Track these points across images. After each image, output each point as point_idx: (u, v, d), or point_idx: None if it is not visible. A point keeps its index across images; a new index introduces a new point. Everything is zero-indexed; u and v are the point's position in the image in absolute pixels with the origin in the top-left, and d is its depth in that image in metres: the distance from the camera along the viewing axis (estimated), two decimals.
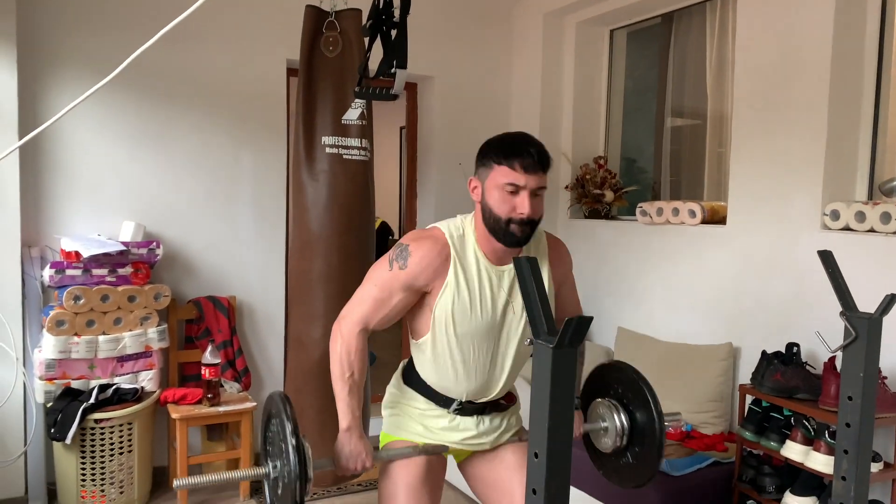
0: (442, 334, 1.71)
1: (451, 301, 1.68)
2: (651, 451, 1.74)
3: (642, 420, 1.76)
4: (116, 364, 3.16)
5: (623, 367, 1.85)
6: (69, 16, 3.23)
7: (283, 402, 1.47)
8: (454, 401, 1.78)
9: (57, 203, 3.27)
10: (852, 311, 1.38)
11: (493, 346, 1.75)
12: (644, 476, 1.79)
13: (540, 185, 1.64)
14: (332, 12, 2.66)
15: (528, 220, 1.63)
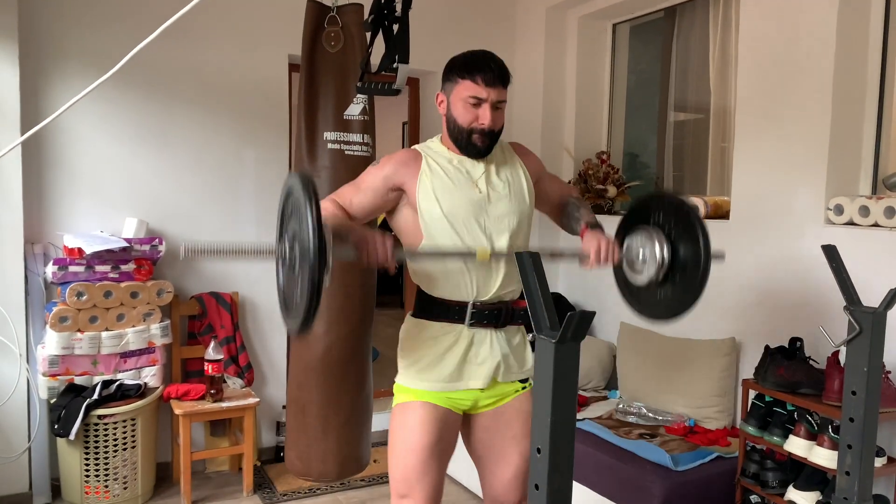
0: (433, 222, 1.76)
1: (430, 183, 1.78)
2: (693, 283, 1.72)
3: (685, 253, 1.73)
4: (119, 360, 3.16)
5: (670, 196, 1.87)
6: (71, 10, 3.22)
7: (303, 181, 1.41)
8: (467, 307, 1.78)
9: (60, 199, 3.27)
10: (856, 305, 1.38)
11: (484, 221, 1.79)
12: (682, 308, 1.79)
13: (500, 99, 1.78)
14: (333, 7, 2.66)
15: (489, 130, 1.77)
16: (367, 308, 2.77)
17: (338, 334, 2.67)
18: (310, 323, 1.43)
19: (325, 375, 2.67)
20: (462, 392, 1.84)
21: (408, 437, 1.80)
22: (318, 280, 1.36)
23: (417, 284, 1.88)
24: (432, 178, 1.80)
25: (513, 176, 1.89)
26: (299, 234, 1.40)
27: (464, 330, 1.80)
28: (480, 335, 1.81)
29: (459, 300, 1.79)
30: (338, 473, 2.75)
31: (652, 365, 3.32)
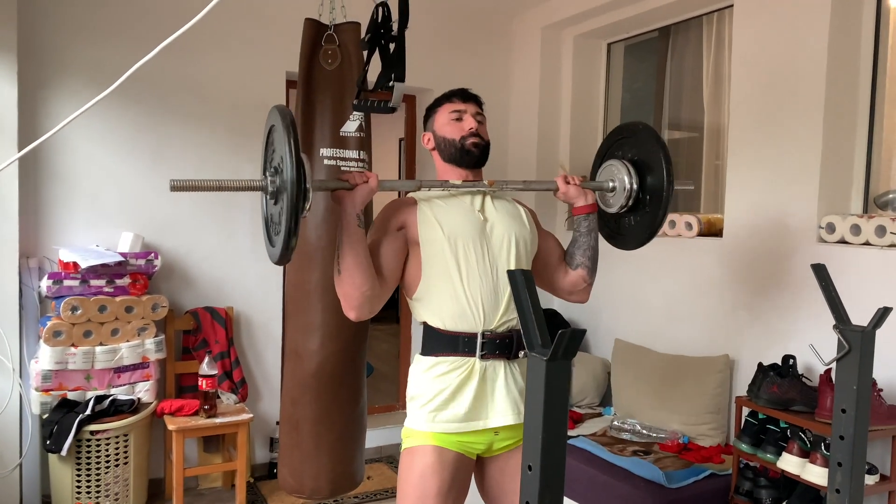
0: (434, 246, 1.75)
1: (430, 211, 1.78)
2: (656, 213, 1.94)
3: (652, 182, 1.95)
4: (113, 375, 3.16)
5: (640, 128, 2.03)
6: (71, 25, 3.25)
7: (283, 114, 1.50)
8: (477, 338, 1.73)
9: (56, 213, 3.28)
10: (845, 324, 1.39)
11: (486, 246, 1.78)
12: (643, 237, 2.02)
13: (479, 112, 1.89)
14: (331, 25, 2.68)
15: (478, 133, 1.85)
16: (363, 323, 2.77)
17: (332, 350, 2.67)
18: (289, 249, 1.50)
19: (318, 391, 2.66)
20: (478, 434, 1.76)
21: (419, 484, 1.73)
22: (296, 206, 1.44)
23: (423, 322, 1.82)
24: (432, 207, 1.80)
25: (511, 208, 1.91)
26: (280, 166, 1.50)
27: (476, 363, 1.73)
28: (494, 368, 1.75)
29: (468, 331, 1.74)
30: (331, 490, 2.73)
31: (646, 381, 3.32)
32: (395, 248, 1.78)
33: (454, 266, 1.75)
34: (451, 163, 1.87)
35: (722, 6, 3.42)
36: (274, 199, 1.58)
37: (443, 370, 1.76)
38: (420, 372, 1.81)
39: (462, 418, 1.74)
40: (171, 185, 1.50)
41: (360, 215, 1.69)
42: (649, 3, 3.57)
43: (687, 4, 3.50)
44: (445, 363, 1.76)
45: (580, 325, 4.06)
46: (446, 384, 1.74)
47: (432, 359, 1.78)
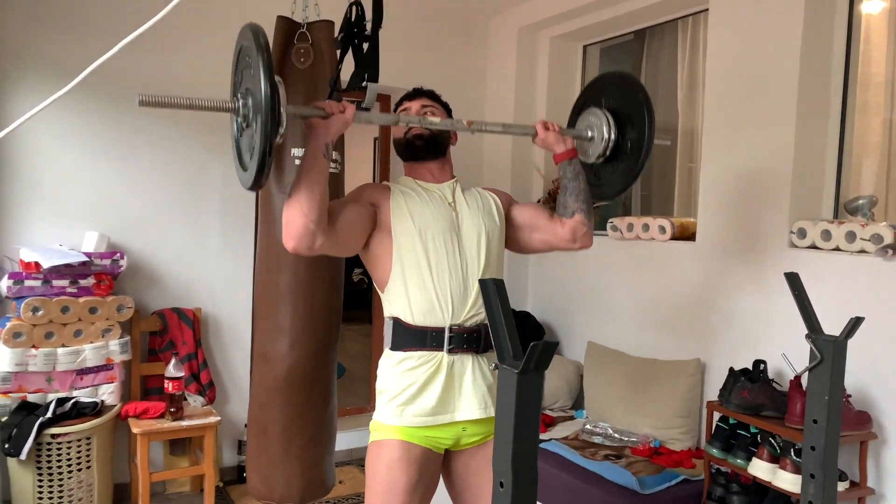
0: (405, 233, 1.75)
1: (403, 201, 1.80)
2: (634, 162, 1.93)
3: (632, 133, 1.94)
4: (76, 377, 3.07)
5: (622, 77, 2.04)
6: (33, 19, 3.15)
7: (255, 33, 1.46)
8: (444, 333, 1.73)
9: (18, 212, 3.18)
10: (818, 333, 1.39)
11: (457, 240, 1.79)
12: (620, 186, 2.00)
13: (426, 104, 1.91)
14: (303, 23, 2.62)
15: (418, 120, 1.84)
16: (334, 325, 2.73)
17: (302, 352, 2.62)
18: (262, 175, 1.48)
19: (288, 395, 2.61)
20: (445, 428, 1.76)
21: (385, 478, 1.73)
22: (269, 128, 1.40)
23: (392, 316, 1.81)
24: (405, 198, 1.81)
25: (482, 200, 1.93)
26: (252, 89, 1.45)
27: (443, 357, 1.73)
28: (461, 362, 1.75)
29: (435, 325, 1.74)
30: (301, 497, 2.68)
31: (618, 385, 3.32)
32: (359, 211, 1.77)
33: (424, 259, 1.75)
34: (407, 160, 1.92)
35: (697, 10, 3.43)
36: (245, 122, 1.53)
37: (411, 365, 1.76)
38: (388, 367, 1.81)
39: (429, 412, 1.74)
40: (139, 99, 1.46)
41: (328, 145, 1.67)
42: (625, 7, 3.57)
43: (662, 8, 3.50)
44: (413, 358, 1.76)
45: (553, 326, 4.05)
46: (414, 379, 1.75)
47: (401, 353, 1.78)
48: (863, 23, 2.84)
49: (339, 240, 1.68)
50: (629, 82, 2.04)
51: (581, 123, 2.11)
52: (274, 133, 1.43)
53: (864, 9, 2.84)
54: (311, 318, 2.62)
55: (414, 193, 1.84)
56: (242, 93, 1.54)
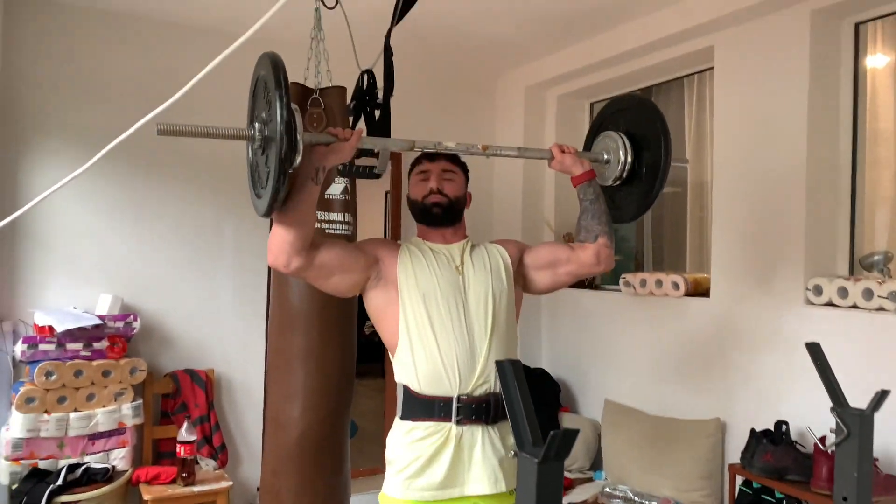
0: (411, 299, 1.74)
1: (410, 261, 1.79)
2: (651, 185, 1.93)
3: (648, 155, 1.94)
4: (87, 442, 3.04)
5: (637, 100, 2.06)
6: (51, 86, 3.23)
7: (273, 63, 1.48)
8: (451, 403, 1.69)
9: (32, 274, 3.20)
10: (843, 407, 1.36)
11: (462, 305, 1.76)
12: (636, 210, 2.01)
13: (446, 168, 1.87)
14: (316, 89, 2.67)
15: (439, 191, 1.84)
16: (346, 388, 2.70)
17: (315, 417, 2.59)
18: (276, 201, 1.51)
19: (300, 461, 2.57)
20: (456, 502, 1.72)
21: None
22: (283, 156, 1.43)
23: (401, 383, 1.80)
24: (411, 258, 1.81)
25: (490, 259, 1.88)
26: (268, 116, 1.48)
27: (452, 428, 1.70)
28: (471, 434, 1.71)
29: (443, 395, 1.71)
30: None
31: (637, 445, 3.25)
32: (353, 254, 1.76)
33: (428, 325, 1.73)
34: (421, 223, 1.90)
35: (703, 69, 3.48)
36: (262, 150, 1.57)
37: (419, 435, 1.73)
38: (397, 436, 1.79)
39: (437, 486, 1.71)
40: (157, 129, 1.48)
41: (319, 170, 1.65)
42: (631, 66, 3.62)
43: (668, 67, 3.55)
44: (421, 428, 1.73)
45: (569, 383, 4.00)
46: (422, 451, 1.72)
47: (409, 423, 1.76)
48: (868, 78, 2.87)
49: (318, 271, 1.69)
50: (644, 106, 2.04)
51: (597, 147, 2.10)
52: (288, 158, 1.46)
53: (869, 63, 2.87)
54: (324, 382, 2.60)
55: (421, 256, 1.82)
56: (259, 120, 1.58)
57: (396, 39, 2.15)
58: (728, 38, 3.09)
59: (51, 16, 3.23)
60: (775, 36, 2.89)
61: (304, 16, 2.59)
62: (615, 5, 3.20)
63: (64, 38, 3.26)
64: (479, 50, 3.89)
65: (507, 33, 3.60)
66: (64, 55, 3.26)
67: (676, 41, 3.29)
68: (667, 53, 3.41)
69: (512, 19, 3.40)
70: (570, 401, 3.98)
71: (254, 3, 3.06)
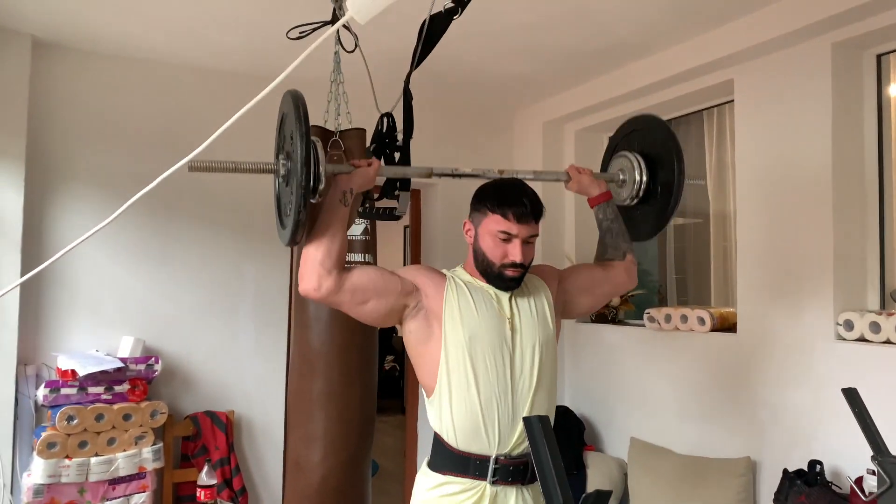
0: (455, 341, 1.65)
1: (457, 301, 1.68)
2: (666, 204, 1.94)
3: (663, 175, 1.95)
4: (108, 487, 3.02)
5: (651, 120, 2.06)
6: (77, 131, 3.29)
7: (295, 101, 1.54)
8: (489, 463, 1.62)
9: (56, 319, 3.22)
10: (884, 455, 1.30)
11: (509, 359, 1.67)
12: (652, 229, 2.02)
13: (531, 234, 1.71)
14: (336, 131, 2.69)
15: (521, 264, 1.69)
16: (367, 433, 2.67)
17: (335, 462, 2.56)
18: (297, 232, 1.55)
19: None
20: None
21: None
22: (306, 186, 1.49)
23: (435, 432, 1.73)
24: (458, 296, 1.68)
25: (536, 301, 1.78)
26: (291, 149, 1.55)
27: (486, 488, 1.62)
28: (504, 494, 1.64)
29: (480, 453, 1.63)
30: None
31: (665, 484, 3.17)
32: (388, 282, 1.67)
33: (472, 377, 1.64)
34: (483, 276, 1.74)
35: (723, 101, 3.46)
36: (286, 182, 1.64)
37: (450, 490, 1.66)
38: (425, 489, 1.71)
39: None
40: (189, 166, 1.53)
41: (346, 193, 1.67)
42: (648, 100, 3.61)
43: (687, 100, 3.54)
44: (454, 484, 1.66)
45: (593, 421, 3.92)
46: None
47: (440, 477, 1.68)
48: (892, 107, 2.83)
49: (351, 295, 1.63)
50: (657, 125, 2.06)
51: (612, 167, 2.14)
52: (308, 188, 1.51)
53: (893, 92, 2.83)
54: (345, 427, 2.57)
55: (469, 295, 1.69)
56: (283, 154, 1.65)
57: (415, 78, 2.16)
58: (747, 72, 3.07)
59: (77, 63, 3.30)
60: (796, 69, 2.87)
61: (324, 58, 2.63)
62: (631, 42, 3.20)
63: (90, 85, 3.33)
64: (496, 87, 3.91)
65: (524, 71, 3.61)
66: (90, 102, 3.32)
67: (695, 75, 3.28)
68: (685, 87, 3.40)
69: (529, 57, 3.41)
70: (594, 439, 3.90)
71: (275, 46, 3.13)
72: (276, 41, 3.01)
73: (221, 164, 1.60)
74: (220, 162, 1.60)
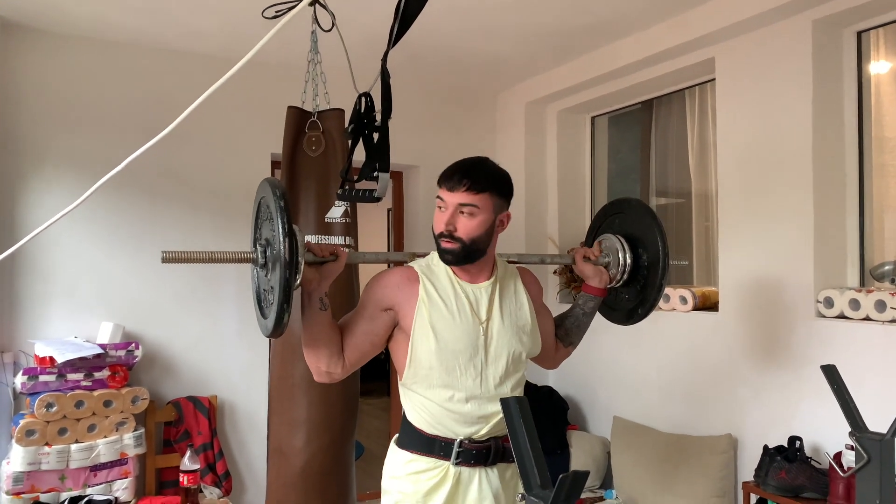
0: (426, 352, 1.63)
1: (428, 314, 1.65)
2: (651, 288, 1.96)
3: (647, 257, 1.98)
4: (89, 474, 3.00)
5: (633, 204, 2.08)
6: (49, 115, 3.22)
7: (274, 188, 1.49)
8: (454, 445, 1.65)
9: (32, 305, 3.17)
10: (862, 431, 1.31)
11: (480, 363, 1.66)
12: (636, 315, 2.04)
13: (465, 202, 1.63)
14: (314, 112, 2.66)
15: (448, 234, 1.64)
16: (350, 415, 2.66)
17: (318, 446, 2.55)
18: (282, 323, 1.49)
19: (305, 491, 2.53)
20: None
21: None
22: (288, 280, 1.44)
23: (405, 411, 1.75)
24: (430, 309, 1.65)
25: (517, 309, 1.76)
26: (272, 241, 1.50)
27: (449, 468, 1.66)
28: (468, 474, 1.67)
29: (446, 437, 1.66)
30: None
31: (648, 462, 3.19)
32: (371, 332, 1.68)
33: (442, 380, 1.65)
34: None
35: (704, 80, 3.45)
36: (265, 272, 1.58)
37: (415, 468, 1.69)
38: (394, 466, 1.75)
39: None
40: (162, 257, 1.50)
41: (323, 299, 1.63)
42: (631, 79, 3.60)
43: (669, 79, 3.52)
44: (419, 462, 1.69)
45: (577, 401, 3.94)
46: (417, 485, 1.68)
47: (407, 454, 1.71)
48: (872, 85, 2.83)
49: (357, 365, 1.70)
50: (640, 207, 2.07)
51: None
52: (293, 282, 1.47)
53: (873, 70, 2.83)
54: (328, 410, 2.56)
55: (442, 303, 1.66)
56: (262, 243, 1.59)
57: (394, 60, 2.12)
58: (728, 50, 3.06)
59: (47, 45, 3.22)
60: (777, 46, 2.86)
61: (301, 38, 2.58)
62: (613, 20, 3.18)
63: (61, 68, 3.26)
64: (477, 67, 3.87)
65: (505, 50, 3.58)
66: (61, 84, 3.25)
67: (676, 54, 3.27)
68: (667, 66, 3.38)
69: (510, 36, 3.38)
70: (578, 418, 3.92)
71: (250, 28, 3.07)
72: (251, 23, 2.96)
73: (196, 254, 1.52)
74: (195, 252, 1.52)
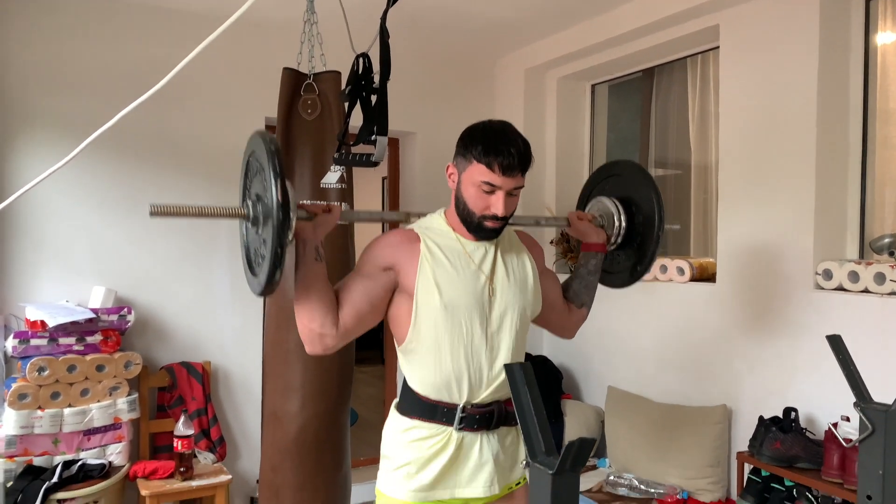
0: (428, 313, 1.61)
1: (431, 270, 1.62)
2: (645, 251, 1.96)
3: (641, 220, 1.97)
4: (83, 438, 2.98)
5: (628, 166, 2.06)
6: (37, 76, 3.14)
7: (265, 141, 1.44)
8: (456, 410, 1.63)
9: (23, 268, 3.13)
10: (867, 402, 1.29)
11: (485, 321, 1.64)
12: (630, 277, 2.04)
13: (517, 186, 1.63)
14: (310, 75, 2.59)
15: (502, 217, 1.63)
16: (345, 383, 2.65)
17: (314, 412, 2.54)
18: (273, 281, 1.45)
19: (300, 457, 2.52)
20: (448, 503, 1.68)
21: None
22: (281, 236, 1.40)
23: (405, 378, 1.72)
24: (433, 265, 1.63)
25: (519, 266, 1.74)
26: (263, 195, 1.45)
27: (452, 433, 1.64)
28: (470, 438, 1.65)
29: (449, 402, 1.63)
30: None
31: (641, 432, 3.21)
32: (370, 292, 1.62)
33: (446, 338, 1.62)
34: (462, 223, 1.67)
35: (707, 48, 3.39)
36: (256, 228, 1.53)
37: (417, 436, 1.66)
38: (395, 432, 1.72)
39: (431, 487, 1.66)
40: (150, 210, 1.44)
41: (318, 248, 1.59)
42: (632, 46, 3.53)
43: (671, 47, 3.46)
44: (421, 428, 1.66)
45: (571, 370, 3.95)
46: (420, 452, 1.66)
47: (408, 421, 1.68)
48: (879, 56, 2.78)
49: (354, 333, 1.62)
50: (633, 169, 2.05)
51: (591, 209, 2.11)
52: (286, 238, 1.42)
53: (879, 41, 2.78)
54: (322, 376, 2.55)
55: (446, 260, 1.64)
56: (252, 198, 1.53)
57: (392, 23, 2.06)
58: (734, 17, 3.00)
59: (34, 3, 3.13)
60: (783, 14, 2.80)
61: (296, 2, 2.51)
62: None
63: (48, 27, 3.16)
64: (477, 32, 3.79)
65: (505, 15, 3.50)
66: (48, 44, 3.16)
67: (680, 20, 3.20)
68: (670, 33, 3.32)
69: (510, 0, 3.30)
70: (572, 388, 3.93)
71: None
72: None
73: (185, 208, 1.47)
74: (184, 206, 1.47)
